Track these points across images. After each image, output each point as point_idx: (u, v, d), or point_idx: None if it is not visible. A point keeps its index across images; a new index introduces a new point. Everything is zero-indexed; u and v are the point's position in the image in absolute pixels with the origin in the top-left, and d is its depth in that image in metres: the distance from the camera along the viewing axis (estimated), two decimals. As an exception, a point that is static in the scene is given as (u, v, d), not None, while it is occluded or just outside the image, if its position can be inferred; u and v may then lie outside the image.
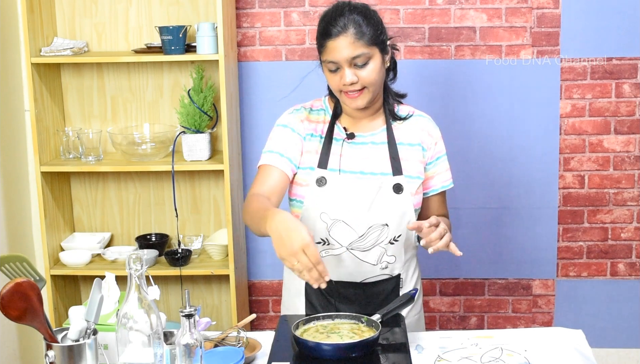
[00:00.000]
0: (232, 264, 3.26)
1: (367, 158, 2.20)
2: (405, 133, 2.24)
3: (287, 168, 2.19)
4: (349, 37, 2.08)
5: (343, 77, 2.10)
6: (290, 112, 2.26)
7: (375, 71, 2.12)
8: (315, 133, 2.22)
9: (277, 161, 2.18)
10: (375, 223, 2.16)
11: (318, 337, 1.95)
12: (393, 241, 2.18)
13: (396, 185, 2.17)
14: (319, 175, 2.18)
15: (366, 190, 2.16)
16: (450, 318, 3.65)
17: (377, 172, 2.19)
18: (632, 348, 3.60)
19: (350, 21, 2.09)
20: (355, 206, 2.15)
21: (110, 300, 2.02)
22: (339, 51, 2.08)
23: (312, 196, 2.18)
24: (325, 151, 2.19)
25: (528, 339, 2.08)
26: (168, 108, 3.45)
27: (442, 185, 2.29)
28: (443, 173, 2.28)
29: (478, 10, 3.39)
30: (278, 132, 2.23)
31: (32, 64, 3.16)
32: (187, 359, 1.68)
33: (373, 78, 2.11)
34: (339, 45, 2.08)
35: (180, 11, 3.38)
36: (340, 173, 2.18)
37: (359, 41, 2.08)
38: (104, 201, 3.54)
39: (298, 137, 2.21)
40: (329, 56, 2.10)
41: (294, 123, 2.22)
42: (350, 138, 2.21)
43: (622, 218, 3.52)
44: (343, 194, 2.16)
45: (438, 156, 2.27)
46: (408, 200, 2.17)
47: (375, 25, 2.13)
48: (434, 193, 2.28)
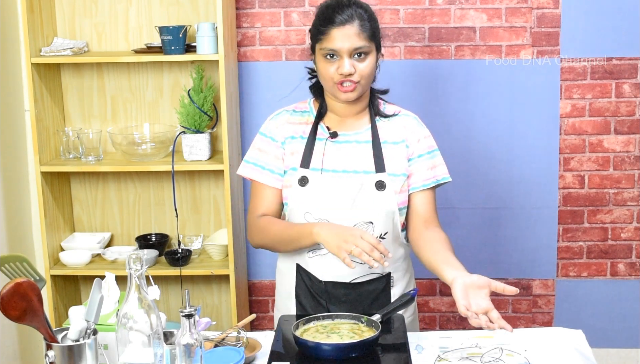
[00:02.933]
0: (232, 264, 3.26)
1: (350, 157, 2.20)
2: (390, 131, 2.24)
3: (274, 181, 2.24)
4: (354, 27, 2.10)
5: (341, 67, 2.11)
6: (271, 118, 2.29)
7: (371, 66, 2.14)
8: (296, 134, 2.24)
9: (262, 176, 2.25)
10: (359, 221, 2.16)
11: (318, 337, 1.95)
12: (380, 238, 2.18)
13: (378, 182, 2.17)
14: (300, 175, 2.19)
15: (348, 187, 2.16)
16: (450, 318, 3.65)
17: (359, 170, 2.19)
18: (632, 348, 3.60)
19: (356, 13, 2.12)
20: (338, 204, 2.16)
21: (110, 300, 2.02)
22: (342, 40, 2.09)
23: (295, 197, 2.19)
24: (308, 151, 2.21)
25: (528, 339, 2.08)
26: (168, 108, 3.45)
27: (423, 183, 2.24)
28: (424, 172, 2.24)
29: (478, 10, 3.39)
30: (258, 141, 2.28)
31: (32, 64, 3.16)
32: (187, 359, 1.68)
33: (368, 72, 2.14)
34: (344, 34, 2.09)
35: (180, 11, 3.38)
36: (322, 172, 2.19)
37: (363, 33, 2.11)
38: (104, 201, 3.54)
39: (276, 145, 2.24)
40: (329, 44, 2.11)
41: (272, 131, 2.26)
42: (333, 137, 2.22)
43: (622, 218, 3.52)
44: (325, 193, 2.17)
45: (419, 154, 2.24)
46: (392, 198, 2.17)
47: (376, 23, 2.17)
48: (414, 190, 2.24)
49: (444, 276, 2.00)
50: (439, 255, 2.08)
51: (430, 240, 2.16)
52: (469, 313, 1.86)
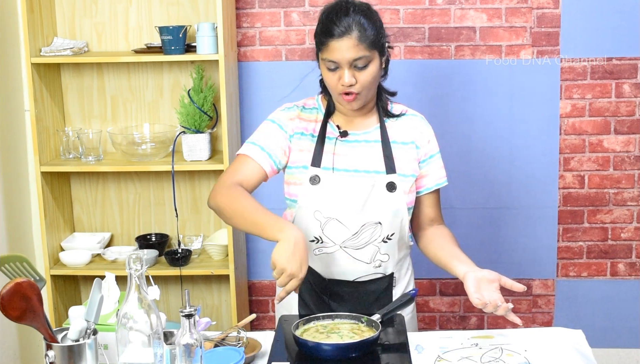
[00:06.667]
0: (232, 264, 3.26)
1: (360, 157, 2.20)
2: (399, 131, 2.24)
3: (266, 163, 2.18)
4: (352, 39, 2.07)
5: (342, 78, 2.10)
6: (282, 109, 2.27)
7: (373, 74, 2.12)
8: (306, 131, 2.23)
9: (257, 154, 2.19)
10: (368, 221, 2.16)
11: (318, 337, 1.95)
12: (386, 239, 2.18)
13: (389, 183, 2.17)
14: (312, 174, 2.18)
15: (359, 188, 2.16)
16: (450, 318, 3.65)
17: (370, 170, 2.19)
18: (632, 348, 3.60)
19: (355, 22, 2.08)
20: (349, 204, 2.16)
21: (110, 300, 2.02)
22: (340, 52, 2.08)
23: (305, 195, 2.18)
24: (319, 149, 2.20)
25: (528, 339, 2.08)
26: (168, 108, 3.45)
27: (435, 183, 2.27)
28: (436, 172, 2.27)
29: (478, 10, 3.39)
30: (265, 126, 2.24)
31: (32, 64, 3.16)
32: (187, 359, 1.68)
33: (371, 80, 2.12)
34: (341, 46, 2.08)
35: (180, 11, 3.38)
36: (334, 172, 2.18)
37: (362, 44, 2.08)
38: (104, 201, 3.54)
39: (284, 135, 2.21)
40: (329, 55, 2.10)
41: (283, 120, 2.23)
42: (343, 136, 2.22)
43: (622, 218, 3.52)
44: (336, 192, 2.16)
45: (431, 154, 2.26)
46: (401, 199, 2.18)
47: (378, 29, 2.13)
48: (427, 191, 2.27)
49: (455, 271, 2.11)
50: (447, 251, 2.18)
51: (437, 237, 2.24)
52: (484, 303, 1.98)
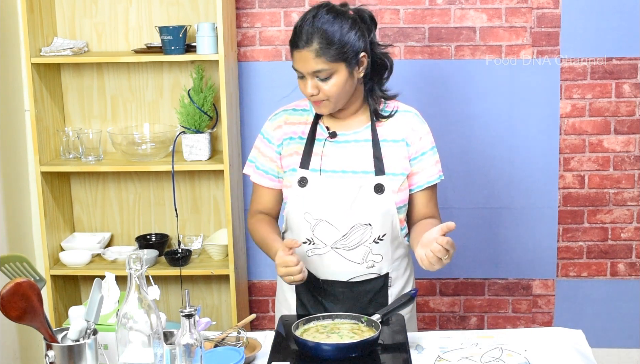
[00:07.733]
0: (232, 264, 3.26)
1: (349, 157, 2.21)
2: (389, 129, 2.24)
3: (267, 181, 2.31)
4: (312, 52, 2.09)
5: (306, 87, 2.14)
6: (270, 118, 2.32)
7: (338, 85, 2.12)
8: (295, 135, 2.26)
9: (258, 177, 2.31)
10: (357, 223, 2.17)
11: (318, 337, 1.95)
12: (378, 240, 2.18)
13: (377, 185, 2.17)
14: (300, 176, 2.21)
15: (347, 189, 2.17)
16: (450, 318, 3.65)
17: (358, 170, 2.20)
18: (632, 348, 3.60)
19: (316, 34, 2.09)
20: (337, 205, 2.17)
21: (110, 300, 2.02)
22: (302, 63, 2.11)
23: (294, 197, 2.21)
24: (308, 151, 2.22)
25: (528, 339, 2.08)
26: (168, 108, 3.45)
27: (427, 180, 2.25)
28: (428, 169, 2.25)
29: (478, 10, 3.39)
30: (258, 141, 2.34)
31: (32, 64, 3.16)
32: (187, 359, 1.68)
33: (335, 91, 2.13)
34: (302, 57, 2.11)
35: (180, 11, 3.38)
36: (322, 173, 2.20)
37: (320, 58, 2.09)
38: (104, 201, 3.54)
39: (272, 148, 2.28)
40: (294, 64, 2.14)
41: (269, 132, 2.29)
42: (332, 137, 2.23)
43: (622, 218, 3.52)
44: (324, 194, 2.18)
45: (423, 151, 2.25)
46: (390, 199, 2.18)
47: (342, 41, 2.09)
48: (419, 189, 2.26)
49: None
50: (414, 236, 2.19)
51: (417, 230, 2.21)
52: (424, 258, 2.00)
